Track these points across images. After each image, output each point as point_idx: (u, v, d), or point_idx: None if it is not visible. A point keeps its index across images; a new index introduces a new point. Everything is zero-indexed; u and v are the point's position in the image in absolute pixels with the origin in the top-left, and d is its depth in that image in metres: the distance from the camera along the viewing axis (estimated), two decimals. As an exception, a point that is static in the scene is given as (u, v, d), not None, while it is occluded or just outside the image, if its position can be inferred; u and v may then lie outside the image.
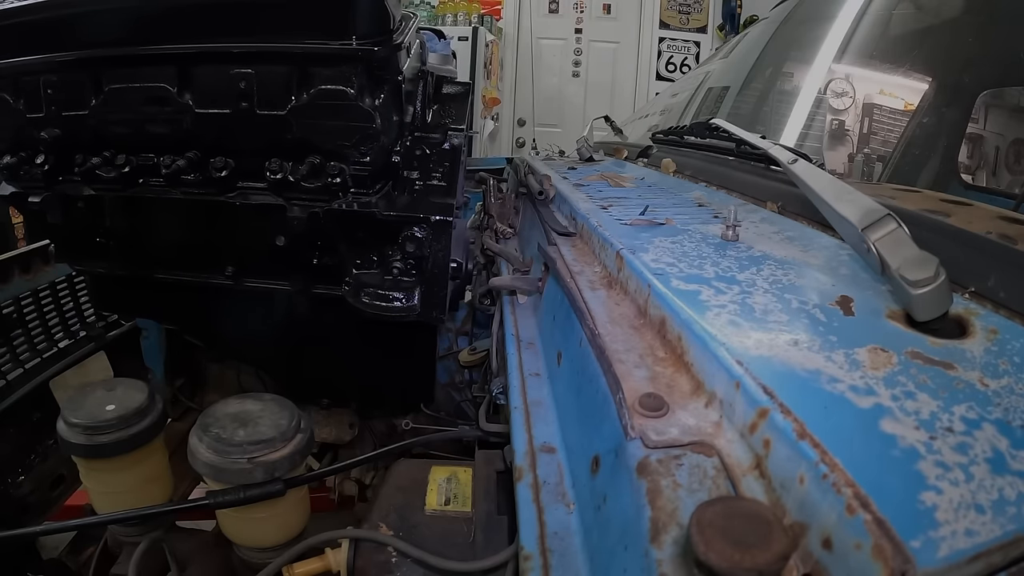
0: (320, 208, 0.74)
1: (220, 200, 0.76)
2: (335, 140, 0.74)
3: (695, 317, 0.47)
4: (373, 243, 0.77)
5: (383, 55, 0.70)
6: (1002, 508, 0.28)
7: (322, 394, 0.83)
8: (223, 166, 0.75)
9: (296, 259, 0.79)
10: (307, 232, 0.76)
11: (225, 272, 0.83)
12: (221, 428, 0.67)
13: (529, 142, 4.52)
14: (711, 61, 2.06)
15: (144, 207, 0.80)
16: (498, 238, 1.17)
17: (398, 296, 0.77)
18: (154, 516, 0.76)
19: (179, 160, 0.74)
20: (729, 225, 0.67)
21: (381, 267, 0.78)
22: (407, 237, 0.76)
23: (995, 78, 1.07)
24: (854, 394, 0.36)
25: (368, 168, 0.75)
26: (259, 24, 0.70)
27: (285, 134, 0.73)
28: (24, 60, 0.75)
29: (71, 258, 0.92)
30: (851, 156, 1.15)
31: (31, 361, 1.02)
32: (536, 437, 0.57)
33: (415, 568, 0.60)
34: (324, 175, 0.74)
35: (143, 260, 0.86)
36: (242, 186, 0.77)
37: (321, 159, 0.74)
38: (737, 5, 4.29)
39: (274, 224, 0.76)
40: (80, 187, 0.79)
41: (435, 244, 0.77)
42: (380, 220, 0.75)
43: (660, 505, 0.34)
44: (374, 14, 0.69)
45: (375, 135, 0.74)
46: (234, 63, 0.71)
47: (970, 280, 0.47)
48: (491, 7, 4.52)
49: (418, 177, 0.81)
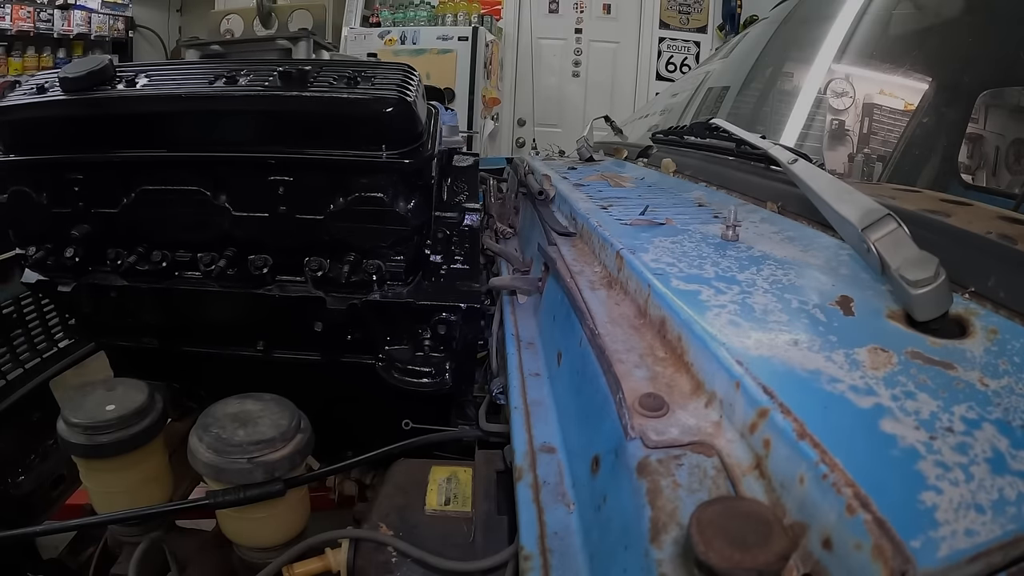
0: (358, 300, 0.79)
1: (258, 293, 0.80)
2: (372, 241, 0.79)
3: (695, 317, 0.47)
4: (406, 324, 0.82)
5: (416, 166, 0.75)
6: (1002, 508, 0.27)
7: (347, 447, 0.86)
8: (263, 264, 0.79)
9: (331, 336, 0.83)
10: (346, 320, 0.81)
11: (257, 347, 0.87)
12: (221, 428, 0.67)
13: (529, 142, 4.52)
14: (711, 61, 2.05)
15: (179, 297, 0.83)
16: (498, 238, 1.17)
17: (427, 371, 0.82)
18: (154, 516, 0.76)
19: (219, 260, 0.78)
20: (729, 225, 0.67)
21: (412, 344, 0.83)
22: (438, 321, 0.81)
23: (995, 78, 1.07)
24: (854, 394, 0.36)
25: (403, 265, 0.80)
26: (297, 134, 0.74)
27: (323, 236, 0.78)
28: (47, 158, 0.77)
29: (92, 334, 0.94)
30: (851, 156, 1.15)
31: (31, 361, 1.02)
32: (536, 437, 0.57)
33: (415, 568, 0.60)
34: (361, 271, 0.79)
35: (172, 337, 0.89)
36: (279, 279, 0.81)
37: (358, 256, 0.79)
38: (737, 5, 4.29)
39: (311, 312, 0.81)
40: (112, 278, 0.82)
41: (465, 328, 0.82)
42: (415, 308, 0.81)
43: (660, 505, 0.34)
44: (406, 128, 0.74)
45: (409, 236, 0.79)
46: (272, 171, 0.75)
47: (970, 280, 0.47)
48: (491, 7, 4.52)
49: (442, 261, 0.86)
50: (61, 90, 0.74)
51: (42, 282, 0.82)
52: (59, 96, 0.74)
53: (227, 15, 3.97)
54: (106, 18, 4.84)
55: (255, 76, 0.74)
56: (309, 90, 0.72)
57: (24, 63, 4.31)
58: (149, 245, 0.81)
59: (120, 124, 0.75)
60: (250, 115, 0.74)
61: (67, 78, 0.73)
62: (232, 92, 0.72)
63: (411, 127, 0.74)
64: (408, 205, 0.77)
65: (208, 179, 0.76)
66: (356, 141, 0.73)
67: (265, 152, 0.74)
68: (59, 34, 4.47)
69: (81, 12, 4.61)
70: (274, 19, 3.75)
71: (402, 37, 4.21)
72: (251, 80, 0.74)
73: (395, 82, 0.74)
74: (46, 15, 4.38)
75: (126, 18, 5.05)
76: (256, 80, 0.73)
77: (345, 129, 0.73)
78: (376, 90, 0.72)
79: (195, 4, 5.27)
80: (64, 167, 0.77)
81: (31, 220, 0.81)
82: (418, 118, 0.75)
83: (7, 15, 4.12)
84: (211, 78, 0.74)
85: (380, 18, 4.45)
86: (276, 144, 0.74)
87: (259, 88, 0.72)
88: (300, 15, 3.76)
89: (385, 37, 4.24)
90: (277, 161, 0.75)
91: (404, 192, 0.77)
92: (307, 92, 0.72)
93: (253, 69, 0.75)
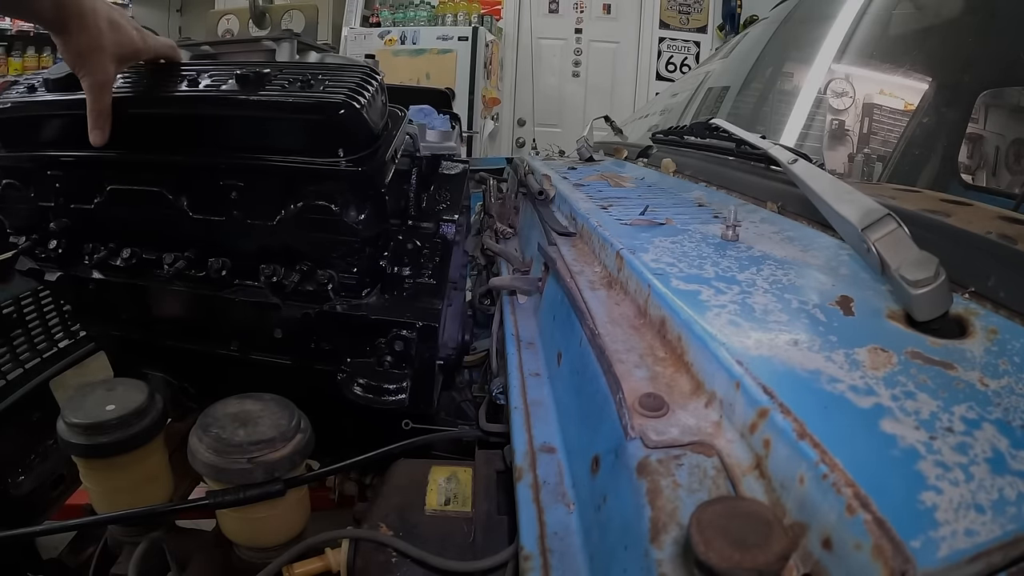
0: (312, 310, 0.78)
1: (219, 295, 0.80)
2: (321, 251, 0.78)
3: (695, 317, 0.47)
4: (365, 337, 0.81)
5: (368, 173, 0.72)
6: (1002, 508, 0.28)
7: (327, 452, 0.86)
8: (220, 267, 0.78)
9: (294, 344, 0.83)
10: (302, 329, 0.80)
11: (231, 347, 0.86)
12: (221, 428, 0.67)
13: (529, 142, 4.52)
14: (711, 61, 2.06)
15: (151, 293, 0.84)
16: (498, 238, 1.17)
17: (389, 388, 0.80)
18: (154, 516, 0.76)
19: (179, 261, 0.79)
20: (729, 225, 0.67)
21: (374, 355, 0.82)
22: (394, 337, 0.79)
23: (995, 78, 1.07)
24: (854, 394, 0.36)
25: (356, 276, 0.79)
26: (249, 138, 0.73)
27: (275, 242, 0.77)
28: (32, 155, 0.80)
29: (84, 323, 0.98)
30: (851, 156, 1.15)
31: (31, 361, 1.01)
32: (536, 437, 0.57)
33: (415, 568, 0.60)
34: (314, 281, 0.78)
35: (153, 331, 0.90)
36: (239, 284, 0.81)
37: (311, 265, 0.78)
38: (737, 5, 4.29)
39: (271, 318, 0.80)
40: (89, 271, 0.84)
41: (421, 346, 0.79)
42: (367, 323, 0.79)
43: (660, 505, 0.34)
44: (356, 133, 0.71)
45: (359, 248, 0.77)
46: (224, 175, 0.75)
47: (970, 280, 0.47)
48: (491, 7, 4.52)
49: (409, 275, 0.83)
50: (45, 90, 0.76)
51: (32, 270, 0.86)
52: (42, 97, 0.76)
53: (225, 15, 3.97)
54: (106, 18, 4.83)
55: (215, 79, 0.74)
56: (257, 93, 0.70)
57: (24, 63, 4.31)
58: (120, 242, 0.82)
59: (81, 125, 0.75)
60: (202, 118, 0.73)
61: (49, 79, 0.75)
62: (184, 95, 0.72)
63: (362, 132, 0.71)
64: (359, 215, 0.75)
65: (170, 181, 0.76)
66: (306, 146, 0.71)
67: (219, 156, 0.74)
68: (59, 34, 4.46)
69: (81, 12, 4.61)
70: (268, 20, 3.76)
71: (402, 37, 4.21)
72: (211, 83, 0.73)
73: (348, 85, 0.71)
74: (46, 15, 4.37)
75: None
76: (216, 82, 0.73)
77: (294, 134, 0.72)
78: (324, 93, 0.70)
79: (195, 4, 5.27)
80: (45, 164, 0.80)
81: (20, 212, 0.85)
82: (368, 123, 0.71)
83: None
84: (179, 80, 0.74)
85: (380, 18, 4.46)
86: (230, 148, 0.74)
87: (211, 91, 0.72)
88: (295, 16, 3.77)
89: (385, 37, 4.24)
90: (227, 165, 0.74)
91: (355, 200, 0.74)
92: (253, 96, 0.70)
93: (219, 72, 0.75)
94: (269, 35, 3.53)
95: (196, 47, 3.49)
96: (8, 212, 0.86)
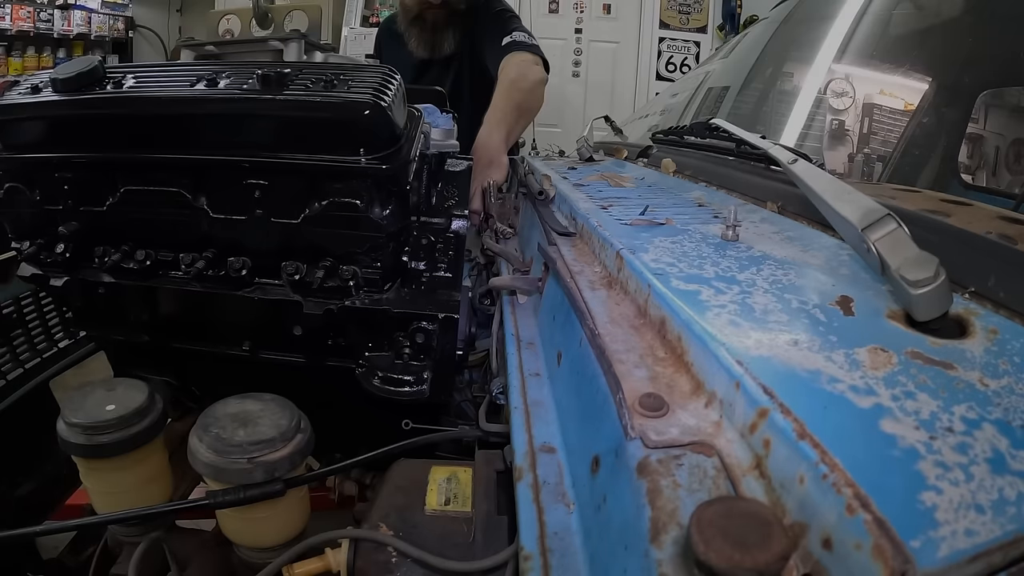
0: (334, 306, 0.79)
1: (238, 295, 0.80)
2: (346, 247, 0.78)
3: (695, 317, 0.47)
4: (385, 331, 0.82)
5: (393, 171, 0.73)
6: (1002, 508, 0.28)
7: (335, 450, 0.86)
8: (241, 266, 0.79)
9: (312, 341, 0.83)
10: (323, 325, 0.80)
11: (242, 347, 0.86)
12: (221, 428, 0.67)
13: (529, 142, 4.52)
14: (711, 61, 2.05)
15: (164, 295, 0.84)
16: (498, 238, 1.17)
17: (408, 379, 0.82)
18: (154, 516, 0.76)
19: (199, 261, 0.78)
20: (729, 225, 0.67)
21: (392, 349, 0.83)
22: (416, 329, 0.81)
23: (995, 78, 1.07)
24: (854, 394, 0.36)
25: (379, 271, 0.80)
26: (273, 138, 0.73)
27: (298, 240, 0.78)
28: (38, 156, 0.78)
29: (88, 327, 0.96)
30: (851, 156, 1.15)
31: (31, 361, 1.01)
32: (536, 437, 0.57)
33: (415, 568, 0.60)
34: (337, 277, 0.79)
35: (161, 333, 0.89)
36: (259, 282, 0.81)
37: (334, 262, 0.79)
38: (737, 5, 4.29)
39: (291, 316, 0.80)
40: (100, 275, 0.83)
41: (443, 337, 0.81)
42: (391, 316, 0.80)
43: (660, 505, 0.34)
44: (381, 133, 0.72)
45: (384, 243, 0.78)
46: (248, 174, 0.75)
47: (970, 280, 0.47)
48: (491, 7, 4.51)
49: (424, 268, 0.85)
50: (52, 91, 0.75)
51: (36, 275, 0.84)
52: (50, 97, 0.75)
53: (226, 15, 3.97)
54: (106, 18, 4.84)
55: (236, 79, 0.74)
56: (283, 93, 0.71)
57: (24, 63, 4.31)
58: (134, 244, 0.81)
59: (104, 125, 0.75)
60: (225, 118, 0.74)
61: (57, 79, 0.74)
62: (208, 95, 0.72)
63: (386, 131, 0.73)
64: (384, 211, 0.76)
65: (188, 181, 0.76)
66: (331, 145, 0.72)
67: (241, 155, 0.74)
68: (59, 34, 4.47)
69: (81, 12, 4.62)
70: (271, 20, 3.75)
71: (402, 37, 4.20)
72: (231, 82, 0.73)
73: (372, 85, 0.72)
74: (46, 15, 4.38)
75: (126, 18, 5.06)
76: (236, 82, 0.73)
77: (319, 133, 0.72)
78: (350, 93, 0.71)
79: (195, 4, 5.27)
80: (54, 166, 0.78)
81: (25, 216, 0.83)
82: (394, 122, 0.73)
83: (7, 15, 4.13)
84: (194, 80, 0.74)
85: (380, 18, 4.45)
86: (252, 147, 0.74)
87: (236, 91, 0.72)
88: (297, 16, 3.76)
89: (385, 37, 4.23)
90: (251, 164, 0.74)
91: (380, 198, 0.76)
92: (280, 95, 0.71)
93: (236, 71, 0.75)
94: (276, 35, 3.53)
95: (200, 47, 3.49)
96: (11, 216, 0.84)
